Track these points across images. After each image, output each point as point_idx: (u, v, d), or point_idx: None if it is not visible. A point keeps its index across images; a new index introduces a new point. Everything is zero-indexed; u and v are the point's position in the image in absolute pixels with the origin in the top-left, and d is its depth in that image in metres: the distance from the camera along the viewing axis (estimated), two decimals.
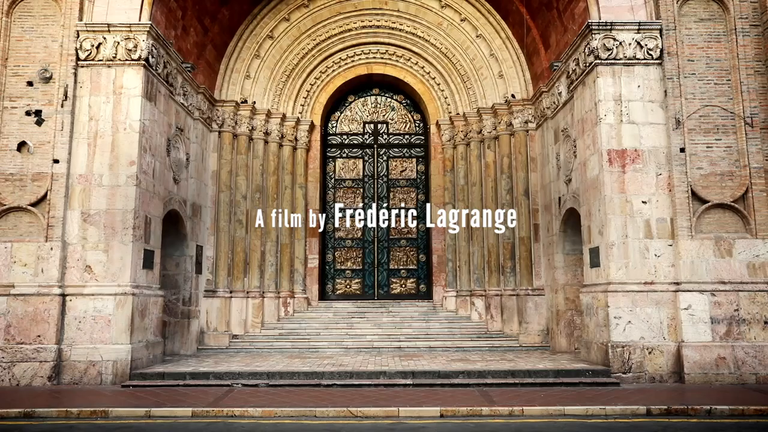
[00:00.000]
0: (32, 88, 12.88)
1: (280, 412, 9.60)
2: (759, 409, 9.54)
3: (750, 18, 13.14)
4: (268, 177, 18.00)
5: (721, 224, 12.73)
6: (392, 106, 20.20)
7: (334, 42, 18.73)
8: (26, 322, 12.08)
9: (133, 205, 12.63)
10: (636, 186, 12.79)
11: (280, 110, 18.38)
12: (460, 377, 12.15)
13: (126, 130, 12.87)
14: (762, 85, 12.96)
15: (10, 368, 11.90)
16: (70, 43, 12.98)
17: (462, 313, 17.75)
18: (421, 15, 18.50)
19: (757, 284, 12.43)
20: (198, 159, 16.41)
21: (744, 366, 12.08)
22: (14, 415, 9.45)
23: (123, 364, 12.10)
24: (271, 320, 17.43)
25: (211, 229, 17.03)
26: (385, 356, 15.01)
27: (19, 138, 12.68)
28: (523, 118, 17.52)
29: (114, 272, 12.46)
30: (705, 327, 12.27)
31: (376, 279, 19.24)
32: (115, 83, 13.01)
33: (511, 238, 17.27)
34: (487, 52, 18.21)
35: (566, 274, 15.70)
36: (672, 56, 13.06)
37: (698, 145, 12.87)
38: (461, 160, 18.41)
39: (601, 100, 13.05)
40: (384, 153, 19.91)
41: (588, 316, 13.55)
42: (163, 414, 9.54)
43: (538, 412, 9.58)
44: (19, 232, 12.47)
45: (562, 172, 15.36)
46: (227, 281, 16.98)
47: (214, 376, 12.25)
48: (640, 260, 12.59)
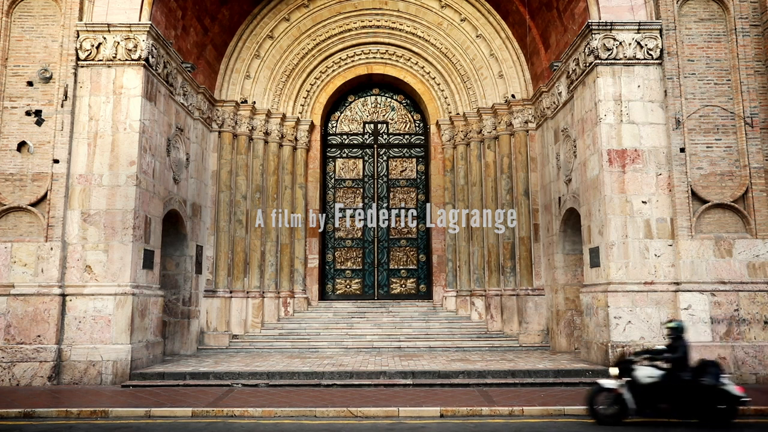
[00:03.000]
0: (32, 88, 12.88)
1: (280, 412, 9.60)
2: (759, 409, 9.53)
3: (750, 18, 13.14)
4: (268, 177, 18.01)
5: (721, 224, 12.73)
6: (392, 106, 20.20)
7: (334, 42, 18.74)
8: (26, 322, 12.08)
9: (133, 205, 12.63)
10: (636, 186, 12.79)
11: (280, 110, 18.38)
12: (460, 377, 12.15)
13: (126, 130, 12.87)
14: (762, 85, 12.96)
15: (10, 368, 11.90)
16: (70, 43, 12.98)
17: (462, 313, 17.76)
18: (421, 15, 18.51)
19: (757, 284, 12.43)
20: (198, 159, 16.41)
21: (744, 366, 12.08)
22: (14, 415, 9.45)
23: (123, 364, 12.10)
24: (271, 320, 17.43)
25: (211, 229, 17.03)
26: (385, 356, 15.01)
27: (19, 138, 12.68)
28: (523, 118, 17.52)
29: (114, 272, 12.46)
30: (705, 327, 12.27)
31: (376, 279, 19.24)
32: (115, 83, 13.01)
33: (511, 238, 17.27)
34: (487, 52, 18.21)
35: (566, 274, 15.70)
36: (672, 56, 13.06)
37: (698, 145, 12.88)
38: (461, 160, 18.41)
39: (601, 100, 13.05)
40: (384, 153, 19.92)
41: (588, 316, 13.55)
42: (163, 414, 9.54)
43: (538, 412, 9.58)
44: (19, 232, 12.48)
45: (562, 172, 15.36)
46: (227, 281, 16.98)
47: (214, 376, 12.25)
48: (640, 260, 12.60)
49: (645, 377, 8.82)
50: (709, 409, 8.64)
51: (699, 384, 8.65)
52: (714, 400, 8.62)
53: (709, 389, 8.60)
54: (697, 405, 8.66)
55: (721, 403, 8.62)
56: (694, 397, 8.64)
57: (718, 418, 8.64)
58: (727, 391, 8.64)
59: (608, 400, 8.91)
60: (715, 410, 8.62)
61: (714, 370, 8.77)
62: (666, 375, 8.82)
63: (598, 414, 8.87)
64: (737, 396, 8.63)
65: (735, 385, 8.78)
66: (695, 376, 8.74)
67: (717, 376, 8.68)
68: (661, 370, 8.90)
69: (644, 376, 8.83)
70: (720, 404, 8.62)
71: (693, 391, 8.65)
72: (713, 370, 8.77)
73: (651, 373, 8.84)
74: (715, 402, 8.62)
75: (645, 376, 8.82)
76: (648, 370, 8.89)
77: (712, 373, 8.72)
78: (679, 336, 9.10)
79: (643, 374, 8.84)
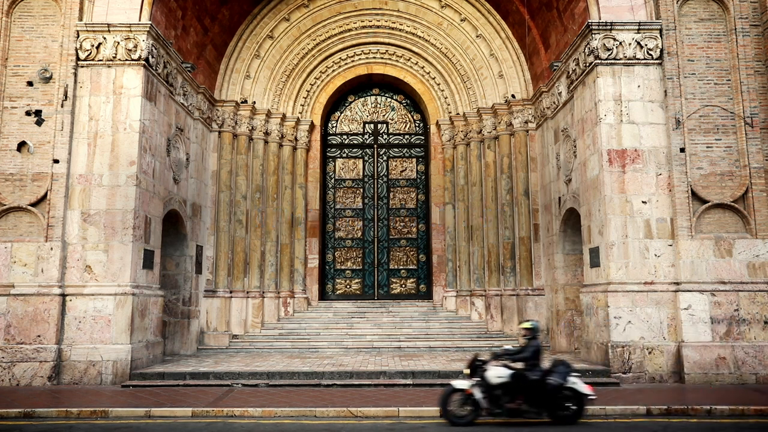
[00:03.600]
0: (32, 88, 12.88)
1: (280, 412, 9.60)
2: (759, 409, 9.53)
3: (750, 18, 13.14)
4: (268, 177, 18.01)
5: (721, 224, 12.73)
6: (392, 106, 20.20)
7: (334, 42, 18.74)
8: (26, 322, 12.08)
9: (133, 205, 12.63)
10: (636, 186, 12.79)
11: (280, 110, 18.38)
12: (460, 377, 12.13)
13: (126, 130, 12.87)
14: (762, 85, 12.96)
15: (10, 368, 11.90)
16: (70, 43, 12.98)
17: (462, 313, 17.76)
18: (421, 15, 18.51)
19: (757, 284, 12.43)
20: (198, 159, 16.41)
21: (744, 366, 12.08)
22: (14, 415, 9.45)
23: (123, 364, 12.10)
24: (271, 320, 17.44)
25: (211, 229, 17.03)
26: (385, 356, 15.01)
27: (19, 138, 12.68)
28: (523, 118, 17.53)
29: (114, 272, 12.46)
30: (705, 327, 12.27)
31: (376, 279, 19.24)
32: (115, 83, 13.01)
33: (511, 238, 17.28)
34: (487, 52, 18.21)
35: (566, 274, 15.70)
36: (672, 56, 13.06)
37: (698, 145, 12.88)
38: (461, 160, 18.41)
39: (601, 100, 13.05)
40: (384, 153, 19.92)
41: (588, 316, 13.55)
42: (163, 414, 9.54)
43: None
44: (19, 232, 12.48)
45: (562, 172, 15.36)
46: (227, 281, 16.98)
47: (214, 376, 12.25)
48: (640, 260, 12.59)
49: (494, 377, 8.88)
50: (557, 408, 8.78)
51: (545, 383, 8.72)
52: (562, 399, 8.77)
53: (555, 388, 8.69)
54: (545, 404, 8.77)
55: (570, 402, 8.79)
56: (541, 396, 8.74)
57: (566, 417, 8.79)
58: (576, 390, 8.79)
59: (460, 401, 8.97)
60: (563, 409, 8.78)
61: (562, 369, 8.88)
62: (514, 375, 8.89)
63: (450, 415, 8.92)
64: (585, 394, 8.78)
65: (584, 384, 8.91)
66: (544, 376, 8.80)
67: (564, 375, 8.79)
68: (511, 370, 8.96)
69: (494, 376, 8.89)
70: (569, 403, 8.79)
71: (539, 391, 8.73)
72: (561, 369, 8.88)
73: (500, 373, 8.90)
74: (563, 401, 8.78)
75: (494, 376, 8.88)
76: (498, 370, 8.95)
77: (560, 372, 8.82)
78: (534, 336, 9.16)
79: (493, 374, 8.90)
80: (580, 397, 8.83)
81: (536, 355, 9.01)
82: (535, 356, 8.99)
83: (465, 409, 8.92)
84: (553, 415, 8.83)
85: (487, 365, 9.06)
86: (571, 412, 8.84)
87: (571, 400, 8.84)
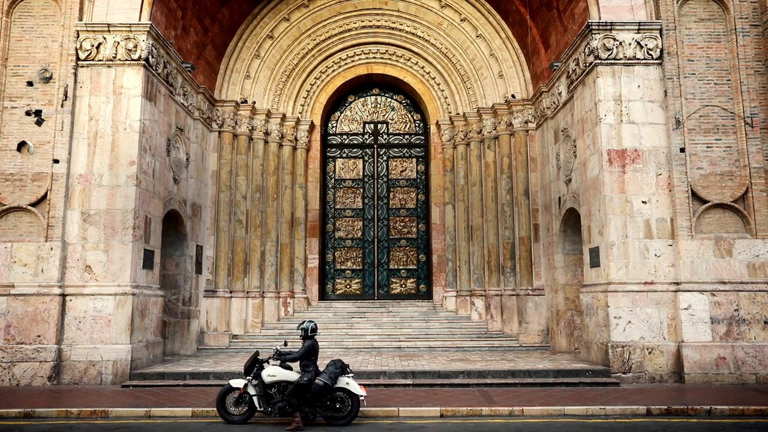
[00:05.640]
0: (32, 88, 12.88)
1: None
2: (759, 409, 9.54)
3: (750, 18, 13.14)
4: (268, 177, 18.01)
5: (721, 224, 12.73)
6: (392, 106, 20.20)
7: (334, 42, 18.74)
8: (26, 322, 12.08)
9: (133, 205, 12.63)
10: (636, 186, 12.79)
11: (280, 110, 18.38)
12: (460, 377, 12.15)
13: (126, 130, 12.87)
14: (762, 85, 12.97)
15: (10, 368, 11.90)
16: (70, 43, 12.98)
17: (462, 313, 17.76)
18: (421, 15, 18.51)
19: (757, 284, 12.43)
20: (198, 159, 16.41)
21: (744, 366, 12.08)
22: (14, 415, 9.45)
23: (123, 364, 12.10)
24: (271, 320, 17.44)
25: (211, 229, 17.03)
26: (385, 356, 15.01)
27: (19, 138, 12.68)
28: (523, 118, 17.53)
29: (114, 272, 12.46)
30: (705, 327, 12.27)
31: (376, 279, 19.24)
32: (115, 83, 13.01)
33: (511, 238, 17.28)
34: (487, 52, 18.21)
35: (566, 274, 15.70)
36: (672, 56, 13.06)
37: (698, 145, 12.88)
38: (461, 160, 18.41)
39: (601, 100, 13.05)
40: (384, 153, 19.92)
41: (588, 316, 13.55)
42: (163, 414, 9.55)
43: (538, 412, 9.58)
44: (19, 232, 12.47)
45: (562, 172, 15.36)
46: (227, 281, 16.98)
47: (214, 376, 12.25)
48: (640, 260, 12.59)
49: (267, 376, 8.90)
50: (326, 409, 8.82)
51: (310, 384, 8.69)
52: (333, 401, 8.83)
53: (321, 389, 8.67)
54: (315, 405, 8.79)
55: (344, 403, 8.84)
56: (312, 397, 8.73)
57: (337, 418, 8.82)
58: (349, 390, 8.83)
59: (236, 400, 9.01)
60: (334, 410, 8.82)
61: (332, 369, 8.87)
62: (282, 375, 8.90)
63: (226, 414, 8.97)
64: (358, 395, 8.82)
65: (358, 385, 8.93)
66: (314, 377, 8.77)
67: (335, 376, 8.79)
68: (288, 370, 8.98)
69: (267, 375, 8.90)
70: (342, 404, 8.83)
71: (305, 392, 8.70)
72: (331, 369, 8.87)
73: (273, 372, 8.90)
74: (335, 402, 8.83)
75: (267, 375, 8.90)
76: (272, 369, 8.96)
77: (329, 372, 8.81)
78: (308, 336, 9.12)
79: (267, 373, 8.91)
80: (354, 398, 8.86)
81: (308, 355, 8.94)
82: (307, 356, 8.93)
83: (240, 408, 9.00)
84: (325, 416, 8.87)
85: (265, 364, 9.09)
86: (344, 412, 8.85)
87: (345, 401, 8.88)
